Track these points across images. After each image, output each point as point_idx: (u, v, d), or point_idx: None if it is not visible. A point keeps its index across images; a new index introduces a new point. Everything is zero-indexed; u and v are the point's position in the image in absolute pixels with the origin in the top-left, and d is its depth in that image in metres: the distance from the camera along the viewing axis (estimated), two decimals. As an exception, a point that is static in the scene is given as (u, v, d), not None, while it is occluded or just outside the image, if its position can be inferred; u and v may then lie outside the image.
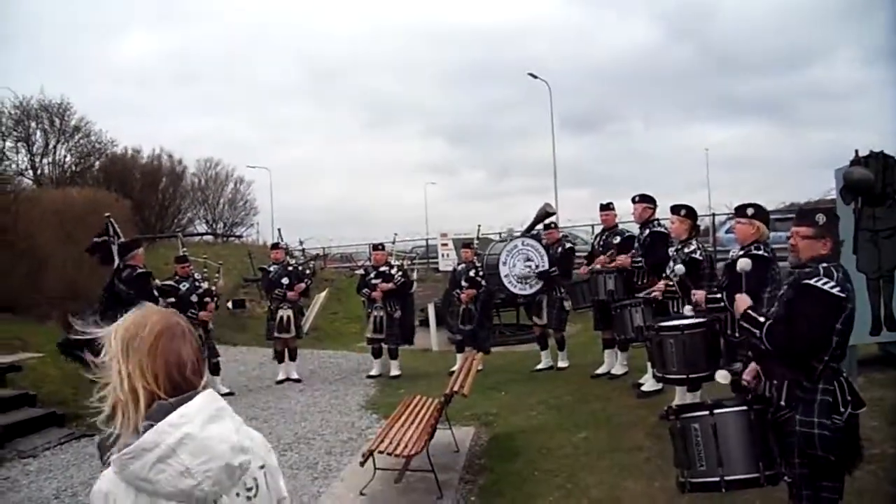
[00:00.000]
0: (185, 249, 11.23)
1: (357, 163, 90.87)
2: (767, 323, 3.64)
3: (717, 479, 3.72)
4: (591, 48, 78.86)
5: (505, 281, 9.30)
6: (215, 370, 10.04)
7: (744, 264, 4.85)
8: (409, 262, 12.83)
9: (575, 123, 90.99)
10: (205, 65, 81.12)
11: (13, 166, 25.10)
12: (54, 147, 27.75)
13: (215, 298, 10.31)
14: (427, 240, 27.19)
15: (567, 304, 9.33)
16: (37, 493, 6.27)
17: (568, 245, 9.82)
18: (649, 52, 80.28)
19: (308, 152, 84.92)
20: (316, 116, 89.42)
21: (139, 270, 8.12)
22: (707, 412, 3.80)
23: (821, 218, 3.67)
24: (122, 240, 8.64)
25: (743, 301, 3.87)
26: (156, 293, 8.18)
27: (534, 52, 73.30)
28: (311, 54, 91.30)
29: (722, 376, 4.12)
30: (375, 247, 11.32)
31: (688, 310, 5.72)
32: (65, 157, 28.21)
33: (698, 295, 5.63)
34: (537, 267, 9.29)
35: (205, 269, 11.02)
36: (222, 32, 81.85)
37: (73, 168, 28.04)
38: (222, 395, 9.41)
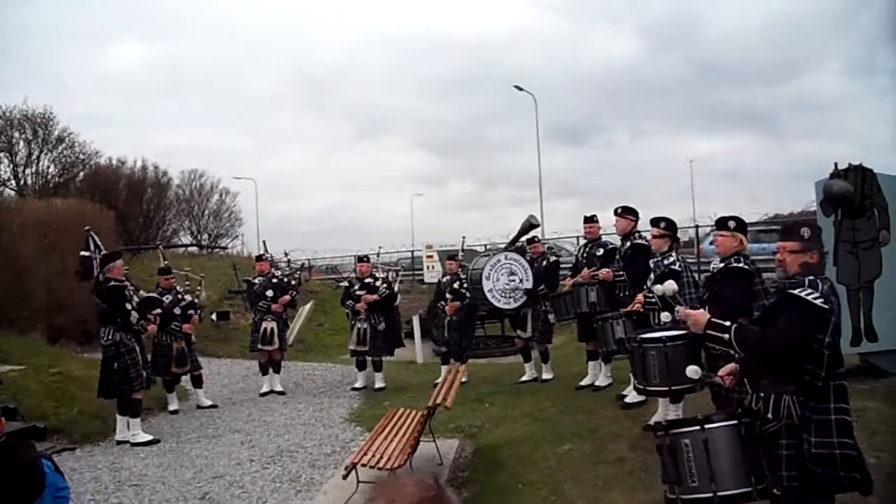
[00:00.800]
0: (167, 261, 11.19)
1: (345, 174, 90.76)
2: (734, 325, 3.67)
3: (710, 494, 3.68)
4: (578, 59, 79.20)
5: (489, 296, 9.31)
6: (198, 383, 10.01)
7: (667, 288, 4.95)
8: (395, 275, 12.82)
9: (561, 134, 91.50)
10: (192, 75, 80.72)
11: (-4, 177, 24.93)
12: (37, 157, 27.64)
13: (199, 311, 10.27)
14: (413, 251, 27.20)
15: (552, 317, 9.35)
16: (17, 508, 6.21)
17: (552, 258, 9.86)
18: (635, 64, 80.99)
19: (295, 163, 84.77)
20: (303, 127, 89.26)
21: (112, 283, 8.07)
22: (698, 427, 3.79)
23: (806, 232, 3.73)
24: (104, 252, 8.58)
25: (700, 315, 3.90)
26: (129, 306, 8.06)
27: (520, 64, 73.54)
28: (299, 65, 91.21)
29: (692, 371, 4.13)
30: (360, 259, 11.32)
31: (665, 316, 5.73)
32: (48, 167, 28.10)
33: (681, 311, 5.66)
34: (521, 281, 9.31)
35: (187, 283, 10.97)
36: (210, 42, 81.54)
37: (57, 179, 27.90)
38: (205, 407, 9.40)
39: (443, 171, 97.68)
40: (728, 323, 3.71)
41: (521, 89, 32.30)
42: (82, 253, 8.69)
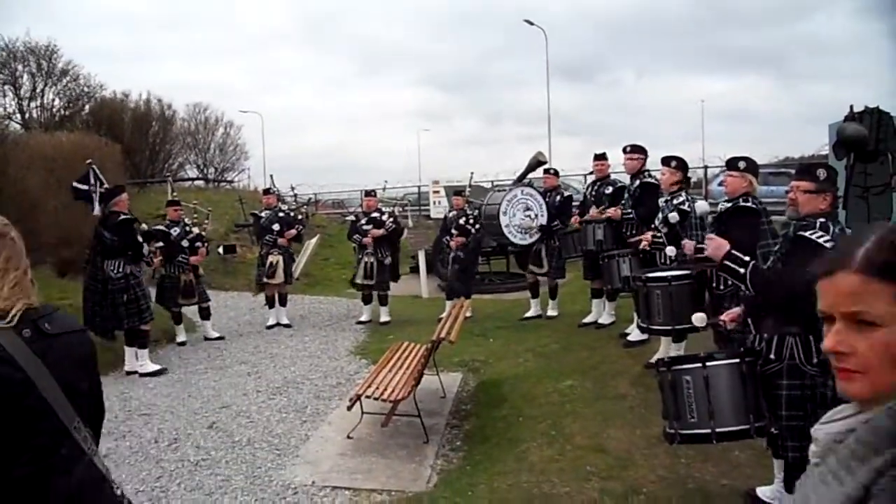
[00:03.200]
0: (175, 194, 11.21)
1: (349, 110, 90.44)
2: (752, 262, 3.67)
3: (709, 430, 3.77)
4: (584, -4, 77.73)
5: (506, 231, 9.25)
6: (205, 315, 10.11)
7: (702, 208, 4.88)
8: (401, 209, 12.82)
9: (567, 72, 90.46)
10: (193, 9, 79.66)
11: (1, 110, 24.81)
12: (42, 91, 27.48)
13: (206, 244, 10.32)
14: (419, 187, 27.11)
15: (565, 253, 9.33)
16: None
17: (567, 193, 9.81)
18: (643, 2, 79.29)
19: (300, 99, 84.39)
20: (308, 63, 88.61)
21: (122, 216, 8.09)
22: (699, 364, 3.84)
23: (822, 173, 3.71)
24: (106, 186, 8.57)
25: (720, 244, 3.86)
26: (140, 238, 8.12)
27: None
28: (303, 1, 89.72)
29: (698, 318, 4.15)
30: (367, 193, 11.31)
31: (670, 250, 5.74)
32: (53, 100, 27.95)
33: (687, 245, 5.66)
34: (536, 217, 9.25)
35: (195, 215, 11.00)
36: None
37: (62, 112, 27.77)
38: (212, 339, 9.49)
39: (447, 107, 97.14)
40: (748, 258, 3.71)
41: (531, 24, 31.76)
42: (75, 184, 8.67)
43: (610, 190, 8.29)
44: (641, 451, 5.04)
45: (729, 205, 5.12)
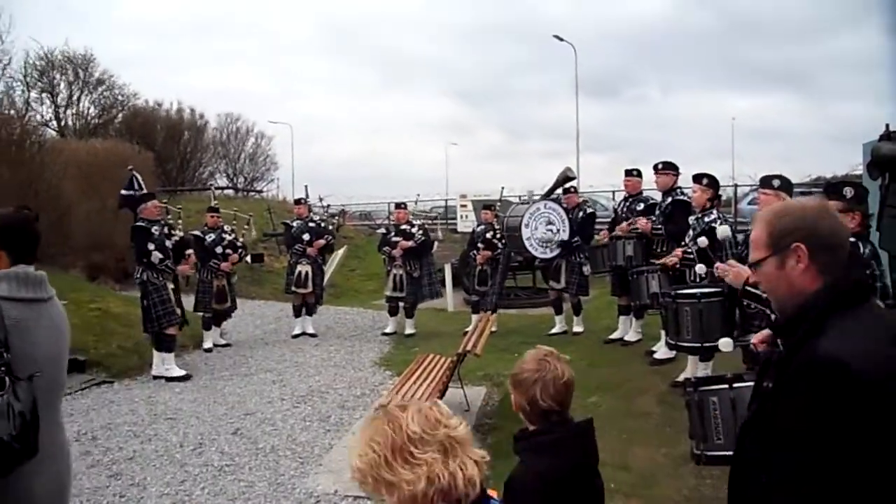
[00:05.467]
0: (216, 201, 11.36)
1: (375, 121, 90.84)
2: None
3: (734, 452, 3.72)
4: (609, 11, 77.75)
5: (527, 244, 9.22)
6: (220, 321, 10.27)
7: (722, 233, 4.83)
8: (430, 222, 12.86)
9: (592, 87, 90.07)
10: (223, 19, 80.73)
11: (38, 117, 25.26)
12: (78, 98, 27.96)
13: (241, 251, 10.44)
14: (447, 200, 27.14)
15: (586, 269, 9.28)
16: (58, 436, 6.44)
17: (589, 210, 9.77)
18: (667, 17, 79.04)
19: (326, 109, 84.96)
20: (334, 73, 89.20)
21: (136, 223, 8.25)
22: (726, 386, 3.78)
23: (848, 191, 3.64)
24: (143, 192, 8.71)
25: (740, 272, 3.79)
26: (152, 246, 8.13)
27: (552, 14, 72.45)
28: (331, 10, 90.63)
29: (725, 344, 4.10)
30: (398, 205, 11.36)
31: (700, 268, 5.70)
32: (88, 108, 28.46)
33: (721, 267, 5.60)
34: (558, 231, 9.23)
35: (234, 222, 11.13)
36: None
37: (97, 120, 28.23)
38: (221, 346, 9.53)
39: (471, 120, 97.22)
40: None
41: (561, 39, 31.77)
42: (123, 192, 8.84)
43: (641, 206, 8.25)
44: (666, 470, 4.99)
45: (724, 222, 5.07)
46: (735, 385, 3.75)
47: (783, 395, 1.58)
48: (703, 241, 6.09)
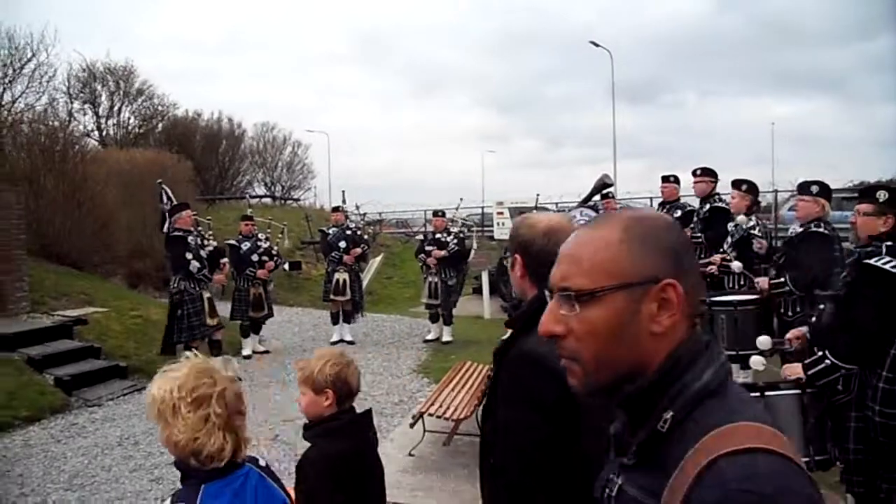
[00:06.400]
0: (251, 210, 11.48)
1: (408, 129, 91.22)
2: (824, 350, 3.53)
3: None
4: (641, 17, 77.24)
5: (562, 253, 9.17)
6: (258, 329, 10.33)
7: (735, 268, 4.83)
8: (467, 230, 12.86)
9: (628, 93, 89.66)
10: (258, 33, 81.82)
11: (80, 127, 25.74)
12: (119, 109, 28.42)
13: (276, 259, 10.52)
14: (483, 208, 27.11)
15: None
16: (102, 440, 6.55)
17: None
18: (702, 22, 78.30)
19: (359, 118, 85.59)
20: (367, 83, 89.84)
21: (173, 233, 8.32)
22: (758, 394, 3.75)
23: (882, 195, 3.58)
24: (174, 203, 8.82)
25: (797, 369, 3.71)
26: (189, 255, 8.22)
27: (584, 21, 72.23)
28: (363, 22, 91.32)
29: (763, 342, 4.05)
30: (435, 213, 11.39)
31: (736, 266, 5.66)
32: (129, 118, 28.90)
33: (762, 282, 5.53)
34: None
35: (268, 230, 11.24)
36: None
37: (137, 130, 28.67)
38: (260, 353, 9.59)
39: (506, 128, 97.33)
40: (819, 353, 3.57)
41: (596, 45, 31.63)
42: (160, 206, 9.01)
43: (679, 213, 8.15)
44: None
45: (800, 230, 5.01)
46: (767, 393, 3.69)
47: (499, 379, 2.04)
48: (738, 265, 6.01)
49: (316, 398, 2.71)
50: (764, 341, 4.06)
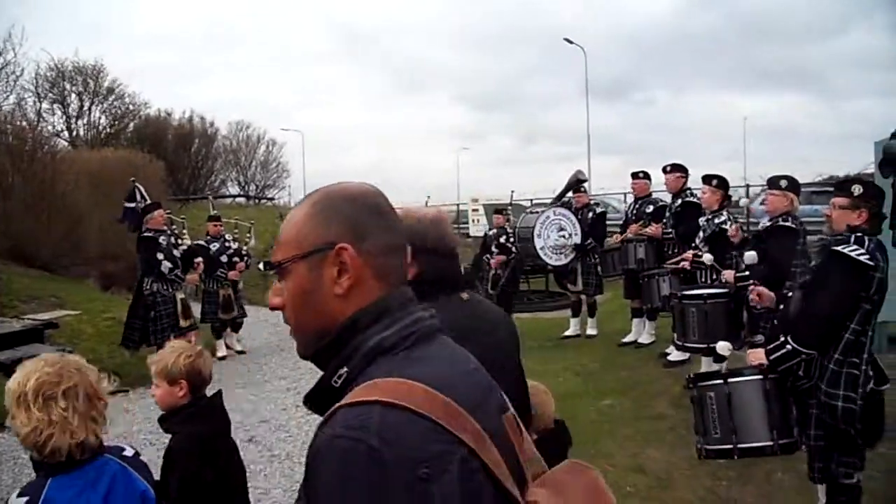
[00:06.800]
0: (216, 210, 11.37)
1: (386, 127, 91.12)
2: (787, 336, 3.61)
3: (730, 446, 3.80)
4: (616, 14, 77.77)
5: (541, 253, 9.19)
6: (236, 327, 10.23)
7: (749, 259, 4.91)
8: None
9: (602, 91, 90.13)
10: (234, 28, 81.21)
11: (49, 127, 25.45)
12: (89, 109, 28.17)
13: (246, 259, 10.43)
14: (458, 205, 27.17)
15: (601, 269, 9.25)
16: (73, 446, 6.47)
17: (599, 210, 9.74)
18: (674, 20, 79.02)
19: (338, 116, 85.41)
20: (345, 81, 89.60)
21: (144, 233, 8.20)
22: (721, 381, 3.87)
23: (857, 189, 3.65)
24: (148, 202, 8.72)
25: (759, 354, 3.83)
26: (161, 256, 8.08)
27: (560, 18, 72.57)
28: (342, 19, 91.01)
29: (723, 348, 4.16)
30: (404, 211, 11.35)
31: (707, 258, 5.75)
32: (99, 118, 28.69)
33: (727, 275, 5.61)
34: (570, 236, 9.20)
35: (236, 230, 11.15)
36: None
37: (108, 130, 28.42)
38: (237, 352, 9.46)
39: (482, 125, 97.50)
40: (781, 338, 3.65)
41: (571, 42, 31.78)
42: (126, 204, 8.85)
43: (651, 209, 8.23)
44: (681, 471, 4.98)
45: (769, 224, 5.08)
46: (730, 380, 3.85)
47: None
48: (708, 257, 6.10)
49: (170, 389, 2.85)
50: (723, 346, 4.17)
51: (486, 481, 1.05)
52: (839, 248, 3.49)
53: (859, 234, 3.53)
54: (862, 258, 3.41)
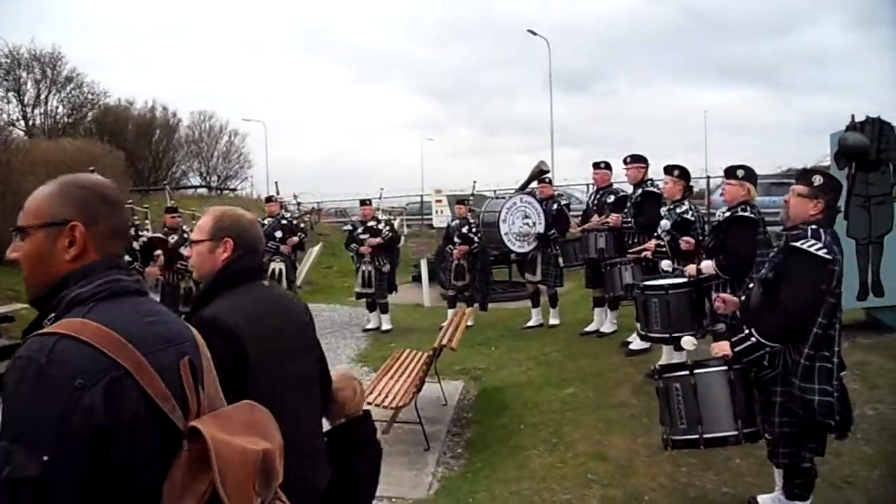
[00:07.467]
0: (174, 201, 11.22)
1: (348, 118, 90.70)
2: (752, 328, 3.67)
3: (696, 436, 3.86)
4: (577, 6, 78.21)
5: (505, 239, 9.21)
6: None
7: (665, 265, 5.01)
8: (397, 218, 12.83)
9: (562, 83, 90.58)
10: (195, 18, 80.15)
11: (4, 116, 24.91)
12: (46, 97, 27.59)
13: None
14: (422, 196, 27.12)
15: (561, 261, 9.29)
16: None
17: (564, 202, 9.78)
18: (634, 13, 79.68)
19: (300, 107, 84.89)
20: (307, 71, 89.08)
21: None
22: (687, 372, 3.92)
23: (817, 179, 3.71)
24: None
25: (724, 347, 3.89)
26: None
27: (520, 10, 72.73)
28: (303, 10, 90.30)
29: (687, 342, 4.21)
30: (362, 202, 11.30)
31: (666, 264, 5.80)
32: (57, 107, 28.11)
33: (689, 269, 5.66)
34: (534, 224, 9.24)
35: (193, 221, 11.01)
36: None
37: (66, 119, 27.88)
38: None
39: (444, 117, 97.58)
40: (746, 330, 3.70)
41: (534, 34, 31.83)
42: None
43: (612, 199, 8.26)
44: (643, 458, 5.04)
45: (728, 214, 5.15)
46: (696, 371, 3.91)
47: None
48: (665, 223, 6.18)
49: None
50: (688, 341, 4.22)
51: (142, 400, 1.34)
52: (797, 243, 3.55)
53: (815, 227, 3.59)
54: (820, 252, 3.47)
